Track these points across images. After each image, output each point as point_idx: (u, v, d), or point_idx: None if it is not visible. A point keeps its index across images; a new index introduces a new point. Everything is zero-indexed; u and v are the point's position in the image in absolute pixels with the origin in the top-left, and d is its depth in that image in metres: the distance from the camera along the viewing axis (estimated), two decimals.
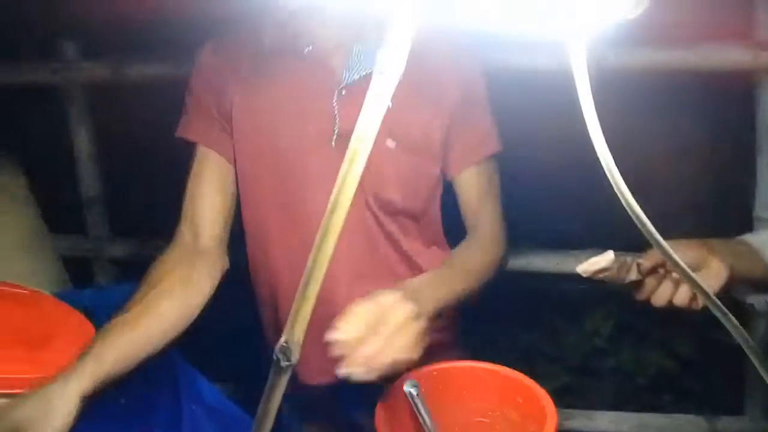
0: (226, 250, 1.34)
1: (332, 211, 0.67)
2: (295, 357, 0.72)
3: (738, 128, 1.79)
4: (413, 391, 1.13)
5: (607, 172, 0.67)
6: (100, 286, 2.09)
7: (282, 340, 0.72)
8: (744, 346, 0.78)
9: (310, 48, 1.28)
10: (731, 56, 1.72)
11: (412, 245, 1.35)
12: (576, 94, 0.63)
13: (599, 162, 0.66)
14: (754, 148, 1.77)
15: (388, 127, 1.25)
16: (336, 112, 1.27)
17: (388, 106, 0.69)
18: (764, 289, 1.19)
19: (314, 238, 0.90)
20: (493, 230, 1.38)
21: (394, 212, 1.31)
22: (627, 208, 0.69)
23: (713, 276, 1.07)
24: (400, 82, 1.27)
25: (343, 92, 1.27)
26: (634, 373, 2.15)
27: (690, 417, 1.87)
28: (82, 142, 2.17)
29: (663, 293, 1.06)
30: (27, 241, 1.88)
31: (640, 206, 0.69)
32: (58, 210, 2.09)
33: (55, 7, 2.12)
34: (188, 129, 1.35)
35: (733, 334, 0.77)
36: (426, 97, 1.29)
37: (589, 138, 0.65)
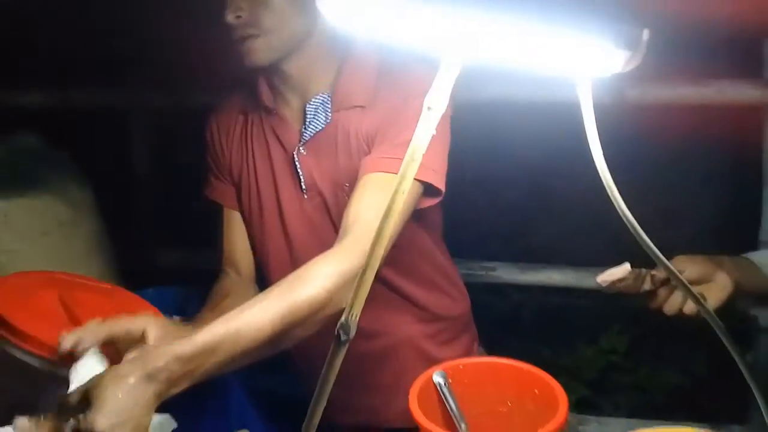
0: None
1: (387, 215, 0.84)
2: (352, 333, 0.88)
3: (751, 159, 1.93)
4: (441, 381, 1.29)
5: (612, 199, 0.80)
6: (160, 287, 2.28)
7: (342, 318, 0.88)
8: (734, 355, 0.89)
9: (272, 108, 1.42)
10: (742, 93, 1.87)
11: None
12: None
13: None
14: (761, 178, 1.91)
15: (345, 173, 1.38)
16: (299, 168, 1.41)
17: None
18: (766, 301, 1.33)
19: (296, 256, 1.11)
20: (362, 225, 1.26)
21: None
22: (630, 228, 0.81)
23: (719, 288, 1.20)
24: (346, 123, 1.43)
25: (302, 151, 1.40)
26: (648, 388, 2.26)
27: (696, 425, 1.97)
28: (143, 162, 2.39)
29: (673, 303, 1.19)
30: (93, 250, 2.06)
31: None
32: (119, 223, 2.28)
33: (124, 42, 2.35)
34: (212, 192, 1.58)
35: (725, 342, 0.90)
36: (364, 130, 1.37)
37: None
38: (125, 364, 1.04)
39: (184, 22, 2.21)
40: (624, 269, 1.15)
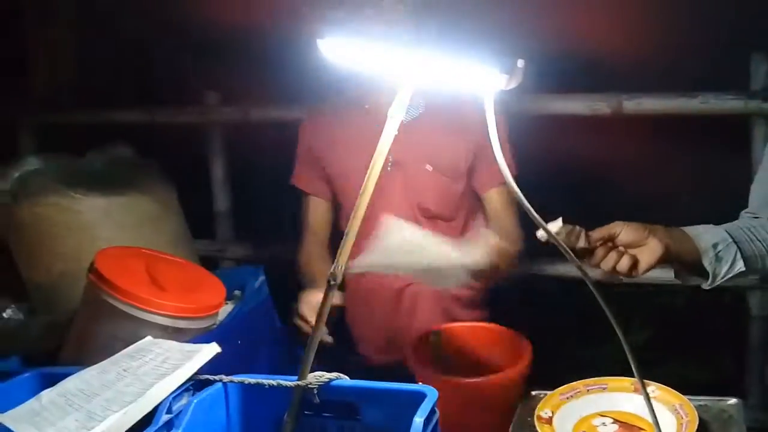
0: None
1: (363, 191, 1.18)
2: (338, 279, 1.22)
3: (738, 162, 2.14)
4: (435, 338, 1.63)
5: (513, 191, 1.04)
6: (225, 268, 2.67)
7: (331, 268, 1.22)
8: (605, 310, 1.05)
9: (368, 106, 1.84)
10: (726, 103, 2.10)
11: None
12: None
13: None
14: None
15: (427, 156, 1.81)
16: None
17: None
18: (697, 272, 1.46)
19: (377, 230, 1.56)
20: (510, 238, 1.81)
21: (429, 217, 1.83)
22: (523, 206, 1.05)
23: (650, 252, 1.32)
24: (437, 121, 1.85)
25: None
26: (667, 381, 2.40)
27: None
28: (218, 168, 2.80)
29: (608, 261, 1.31)
30: (176, 240, 2.43)
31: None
32: (196, 220, 2.68)
33: (202, 66, 2.76)
34: (298, 180, 2.03)
35: (597, 297, 1.03)
36: (456, 134, 1.83)
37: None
38: None
39: (248, 46, 2.60)
40: (556, 224, 1.24)
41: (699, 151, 2.26)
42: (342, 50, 1.16)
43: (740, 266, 1.48)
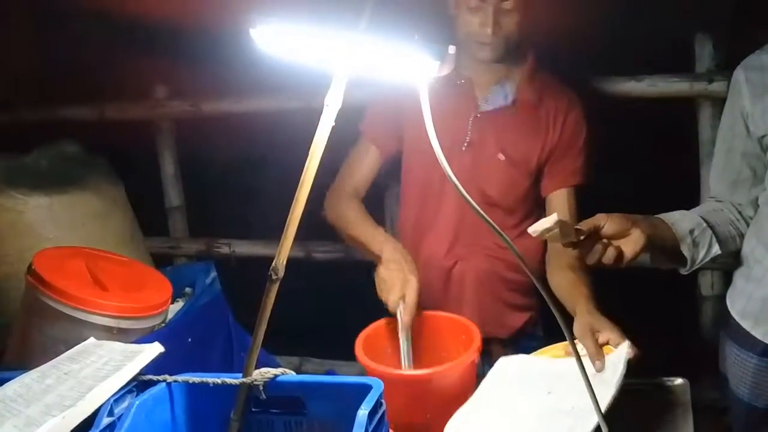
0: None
1: (302, 183, 1.16)
2: (280, 274, 1.20)
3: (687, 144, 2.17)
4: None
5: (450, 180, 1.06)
6: (176, 266, 2.63)
7: (273, 263, 1.20)
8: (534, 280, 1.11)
9: (462, 81, 1.85)
10: (673, 86, 2.12)
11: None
12: None
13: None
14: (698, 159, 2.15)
15: (502, 145, 1.83)
16: (469, 128, 1.84)
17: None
18: (676, 257, 1.51)
19: (441, 207, 1.77)
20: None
21: (490, 203, 1.83)
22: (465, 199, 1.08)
23: (633, 242, 1.36)
24: (520, 115, 1.86)
25: (478, 116, 1.85)
26: None
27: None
28: (168, 163, 2.75)
29: (594, 254, 1.35)
30: (125, 238, 2.41)
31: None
32: (147, 216, 2.64)
33: (151, 59, 2.70)
34: (368, 126, 1.97)
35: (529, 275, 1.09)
36: (535, 131, 1.84)
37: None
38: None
39: (196, 39, 2.56)
40: (552, 219, 1.25)
41: (647, 135, 2.28)
42: (275, 39, 1.13)
43: (716, 249, 1.53)
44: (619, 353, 1.39)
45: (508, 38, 1.76)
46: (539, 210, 1.91)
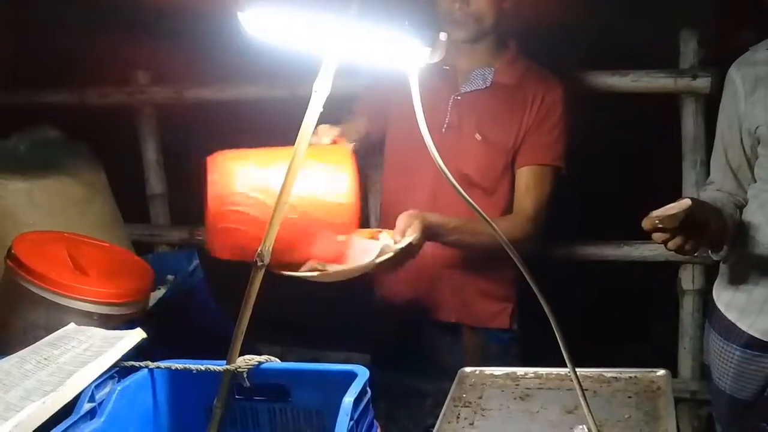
0: None
1: (291, 167, 1.15)
2: (266, 260, 1.19)
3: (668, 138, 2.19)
4: None
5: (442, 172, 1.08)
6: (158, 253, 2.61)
7: (259, 249, 1.19)
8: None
9: (448, 68, 1.88)
10: (657, 81, 2.13)
11: None
12: None
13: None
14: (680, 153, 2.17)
15: (479, 126, 1.86)
16: (449, 110, 1.88)
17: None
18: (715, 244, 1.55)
19: (420, 187, 1.79)
20: (526, 215, 1.85)
21: (469, 183, 1.86)
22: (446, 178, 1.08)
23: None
24: (498, 97, 1.86)
25: (458, 98, 1.88)
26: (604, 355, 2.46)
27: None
28: (150, 150, 2.72)
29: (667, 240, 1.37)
30: (105, 224, 2.37)
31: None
32: (129, 203, 2.60)
33: (132, 44, 2.67)
34: (358, 104, 2.01)
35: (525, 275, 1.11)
36: (512, 112, 1.86)
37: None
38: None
39: (179, 25, 2.53)
40: (684, 204, 1.31)
41: (629, 129, 2.29)
42: (263, 23, 1.12)
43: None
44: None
45: (480, 17, 1.79)
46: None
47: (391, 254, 1.50)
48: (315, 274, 1.45)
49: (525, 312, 1.94)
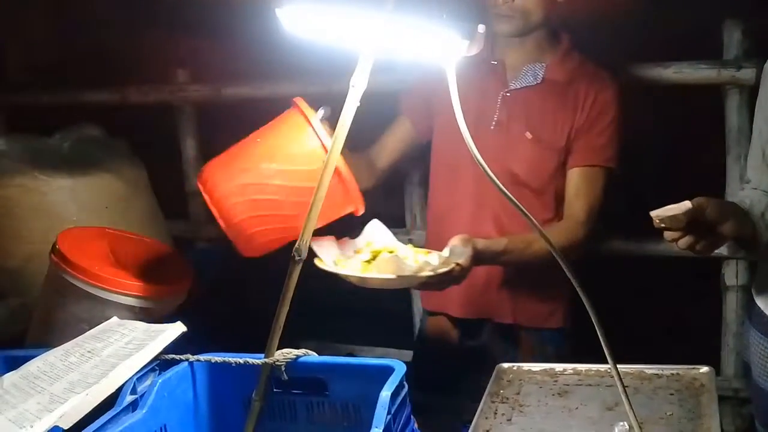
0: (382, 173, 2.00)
1: (327, 166, 1.15)
2: (304, 255, 1.20)
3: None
4: None
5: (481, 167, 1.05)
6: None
7: (296, 244, 1.20)
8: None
9: (496, 63, 1.85)
10: (700, 72, 2.08)
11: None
12: None
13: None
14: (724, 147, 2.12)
15: (530, 124, 1.82)
16: (498, 107, 1.84)
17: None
18: (746, 243, 1.48)
19: (470, 188, 1.76)
20: (577, 219, 1.80)
21: (518, 183, 1.82)
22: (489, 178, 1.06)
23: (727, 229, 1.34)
24: (549, 94, 1.84)
25: (507, 94, 1.85)
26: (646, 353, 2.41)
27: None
28: (189, 147, 2.75)
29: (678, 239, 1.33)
30: (146, 221, 2.41)
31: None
32: (169, 200, 2.64)
33: (172, 43, 2.71)
34: (403, 103, 2.00)
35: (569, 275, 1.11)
36: (563, 110, 1.82)
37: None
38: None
39: (218, 22, 2.56)
40: (684, 206, 1.27)
41: (674, 122, 2.25)
42: (300, 19, 1.13)
43: None
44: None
45: (526, 11, 1.74)
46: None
47: (431, 273, 1.44)
48: (354, 275, 1.42)
49: (579, 310, 1.90)
